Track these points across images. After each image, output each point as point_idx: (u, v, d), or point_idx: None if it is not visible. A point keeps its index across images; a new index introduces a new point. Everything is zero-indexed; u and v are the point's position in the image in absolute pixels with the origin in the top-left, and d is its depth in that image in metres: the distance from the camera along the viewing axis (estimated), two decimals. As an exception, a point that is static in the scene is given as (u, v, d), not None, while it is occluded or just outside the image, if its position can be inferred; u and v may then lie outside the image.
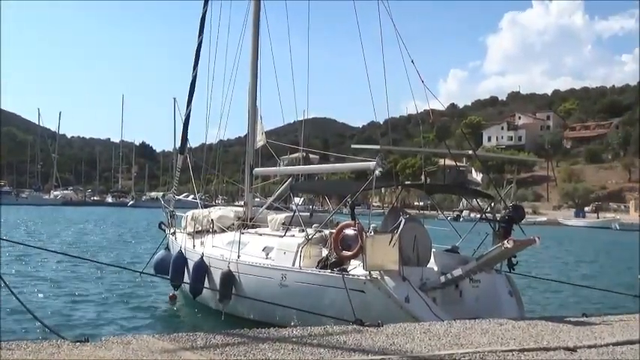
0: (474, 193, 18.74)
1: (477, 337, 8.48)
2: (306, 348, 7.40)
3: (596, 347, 7.96)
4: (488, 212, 15.63)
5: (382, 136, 25.76)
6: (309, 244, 14.62)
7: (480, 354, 7.32)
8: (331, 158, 45.32)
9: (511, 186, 18.16)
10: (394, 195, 20.16)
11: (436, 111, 34.64)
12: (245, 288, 15.47)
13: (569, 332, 9.00)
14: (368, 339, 8.10)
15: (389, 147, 18.82)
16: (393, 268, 12.74)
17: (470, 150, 21.69)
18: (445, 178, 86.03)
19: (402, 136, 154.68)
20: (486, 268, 13.68)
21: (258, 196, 23.05)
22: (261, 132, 20.18)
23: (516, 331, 9.03)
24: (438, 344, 7.88)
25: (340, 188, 19.71)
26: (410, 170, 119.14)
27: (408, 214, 14.51)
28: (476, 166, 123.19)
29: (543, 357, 7.37)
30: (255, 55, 20.15)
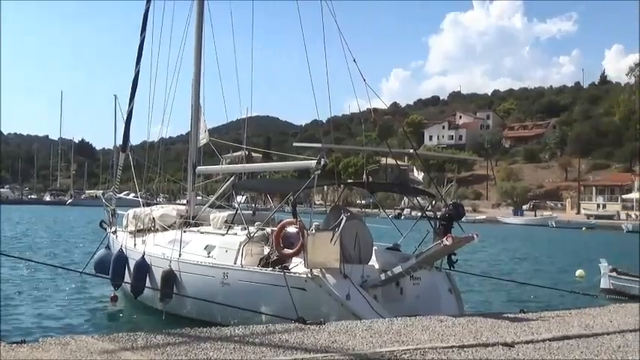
0: (416, 192, 18.93)
1: (418, 333, 8.57)
2: (248, 347, 7.38)
3: (534, 343, 8.12)
4: (429, 210, 15.81)
5: (325, 135, 25.97)
6: (251, 243, 14.60)
7: (421, 351, 7.40)
8: (274, 157, 45.23)
9: (451, 184, 18.43)
10: (336, 193, 20.26)
11: (378, 110, 34.81)
12: (187, 287, 15.36)
13: (508, 328, 9.15)
14: (310, 337, 8.12)
15: (331, 145, 18.90)
16: (335, 265, 12.79)
17: (411, 149, 21.92)
18: (387, 176, 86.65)
19: (344, 135, 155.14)
20: (426, 265, 13.84)
21: (201, 195, 22.90)
22: (204, 130, 20.05)
23: (456, 327, 9.15)
24: (380, 341, 7.93)
25: (282, 186, 19.71)
26: (352, 169, 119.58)
27: (349, 212, 14.58)
28: (417, 165, 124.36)
29: (482, 353, 7.48)
30: (199, 53, 20.00)
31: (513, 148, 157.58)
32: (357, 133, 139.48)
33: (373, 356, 7.11)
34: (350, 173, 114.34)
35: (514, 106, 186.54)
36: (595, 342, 8.29)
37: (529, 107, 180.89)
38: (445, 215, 13.93)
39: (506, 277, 24.14)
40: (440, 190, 16.91)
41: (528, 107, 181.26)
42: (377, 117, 61.40)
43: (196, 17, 20.02)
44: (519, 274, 30.28)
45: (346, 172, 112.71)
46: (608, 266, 24.40)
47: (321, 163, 13.86)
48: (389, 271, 13.48)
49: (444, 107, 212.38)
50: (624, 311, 11.07)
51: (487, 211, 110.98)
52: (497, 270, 31.88)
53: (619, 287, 23.75)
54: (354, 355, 7.12)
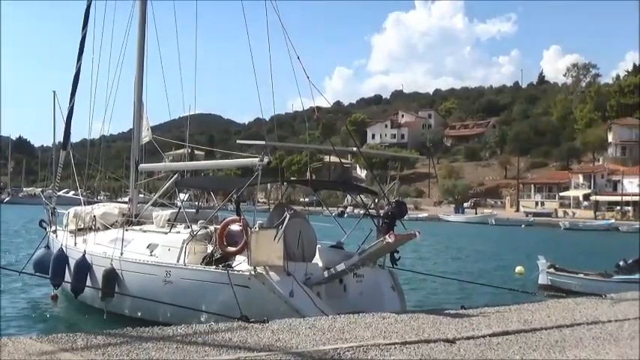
0: (359, 190, 19.05)
1: (361, 331, 8.62)
2: (191, 346, 7.33)
3: (474, 338, 8.24)
4: (372, 208, 15.92)
5: (268, 133, 25.89)
6: (194, 241, 14.51)
7: (364, 348, 7.45)
8: (217, 154, 44.95)
9: (394, 183, 18.56)
10: (280, 191, 20.24)
11: (322, 108, 34.95)
12: (128, 286, 15.19)
13: (449, 324, 9.27)
14: (253, 335, 8.10)
15: (274, 143, 18.84)
16: (278, 263, 12.80)
17: (354, 147, 22.01)
18: (330, 174, 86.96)
19: (288, 133, 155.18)
20: (369, 263, 13.94)
21: (143, 193, 22.66)
22: (146, 127, 19.85)
23: (398, 324, 9.22)
24: (323, 339, 7.96)
25: (226, 184, 19.62)
26: (295, 167, 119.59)
27: (293, 210, 14.59)
28: (360, 163, 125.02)
29: (424, 349, 7.56)
30: (141, 50, 19.78)
31: (454, 147, 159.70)
32: (301, 131, 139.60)
33: (316, 354, 7.13)
34: (293, 171, 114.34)
35: (455, 105, 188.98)
36: (533, 337, 8.46)
37: (470, 106, 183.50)
38: (388, 213, 14.03)
39: (448, 275, 24.45)
40: (383, 188, 17.02)
41: (469, 106, 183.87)
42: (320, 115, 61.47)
43: (139, 14, 19.80)
44: (460, 272, 30.73)
45: (289, 170, 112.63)
46: (546, 263, 24.92)
47: (264, 161, 13.83)
48: (332, 269, 13.54)
49: (387, 106, 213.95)
50: (561, 306, 11.31)
51: (429, 209, 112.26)
52: (438, 267, 32.28)
53: (556, 283, 24.27)
54: (297, 353, 7.13)
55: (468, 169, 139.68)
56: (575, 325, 9.45)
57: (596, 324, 9.56)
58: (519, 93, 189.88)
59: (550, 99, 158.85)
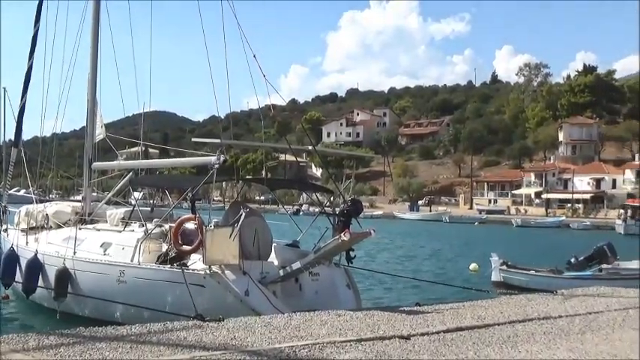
0: (314, 188, 19.08)
1: (317, 328, 8.64)
2: (145, 346, 7.28)
3: (429, 334, 8.33)
4: (328, 206, 15.96)
5: (223, 131, 25.75)
6: (149, 239, 14.40)
7: (320, 345, 7.48)
8: (171, 152, 44.59)
9: (350, 181, 18.63)
10: (235, 189, 20.19)
11: (277, 106, 34.86)
12: (81, 285, 15.01)
13: (404, 321, 9.35)
14: (209, 334, 8.07)
15: (230, 141, 18.73)
16: (234, 262, 12.76)
17: (310, 145, 22.04)
18: (286, 173, 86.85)
19: (243, 131, 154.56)
20: (325, 261, 13.97)
21: (97, 191, 22.38)
22: (100, 125, 19.62)
23: (354, 321, 9.27)
24: (279, 337, 7.97)
25: (181, 182, 19.50)
26: (251, 165, 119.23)
27: (248, 208, 14.56)
28: (316, 162, 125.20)
29: (379, 346, 7.61)
30: (95, 47, 19.54)
31: (409, 145, 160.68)
32: (256, 130, 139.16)
33: (272, 352, 7.14)
34: (249, 169, 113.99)
35: (410, 103, 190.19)
36: (487, 333, 8.58)
37: (424, 105, 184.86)
38: (343, 211, 14.07)
39: (403, 273, 24.62)
40: (338, 186, 17.07)
41: (423, 105, 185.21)
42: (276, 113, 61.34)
43: (92, 11, 19.56)
44: (415, 269, 30.95)
45: (245, 169, 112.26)
46: (499, 260, 25.23)
47: (220, 159, 13.77)
48: (288, 267, 13.54)
49: (342, 104, 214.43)
50: (514, 302, 11.49)
51: (384, 207, 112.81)
52: (393, 265, 32.49)
53: (509, 280, 24.59)
54: (253, 352, 7.13)
55: (422, 167, 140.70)
56: (527, 320, 9.61)
57: (547, 319, 9.73)
58: (473, 92, 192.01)
59: (503, 98, 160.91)
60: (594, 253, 24.85)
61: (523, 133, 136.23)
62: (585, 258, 24.64)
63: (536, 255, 36.71)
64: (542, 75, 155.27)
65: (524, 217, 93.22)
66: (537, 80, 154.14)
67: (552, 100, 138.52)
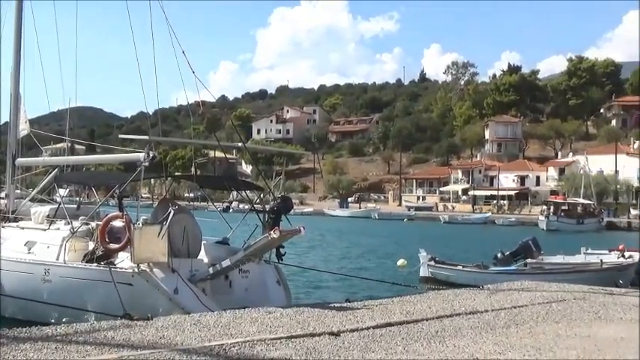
0: (244, 185, 19.00)
1: (247, 326, 8.61)
2: (72, 346, 7.13)
3: (358, 330, 8.38)
4: (258, 204, 15.93)
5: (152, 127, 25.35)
6: (75, 238, 14.14)
7: (250, 343, 7.45)
8: (98, 149, 43.88)
9: (279, 178, 18.65)
10: (164, 186, 19.97)
11: (207, 102, 34.59)
12: (5, 285, 14.64)
13: (334, 318, 9.38)
14: (137, 333, 7.96)
15: (158, 138, 18.51)
16: (162, 260, 12.64)
17: (240, 142, 21.96)
18: (215, 169, 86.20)
19: (172, 128, 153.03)
20: (255, 258, 13.95)
21: (20, 188, 21.81)
22: (24, 120, 19.15)
23: (284, 318, 9.27)
24: (209, 335, 7.91)
25: (108, 179, 19.18)
26: (180, 162, 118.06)
27: (177, 205, 14.42)
28: (246, 159, 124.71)
29: (310, 342, 7.63)
30: (18, 41, 19.04)
31: (339, 142, 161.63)
32: (185, 126, 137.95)
33: (202, 350, 7.08)
34: (178, 166, 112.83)
35: (340, 101, 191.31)
36: (415, 328, 8.68)
37: (354, 102, 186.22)
38: (273, 208, 14.06)
39: (332, 269, 24.75)
40: (268, 183, 17.08)
41: (353, 102, 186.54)
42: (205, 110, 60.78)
43: (16, 4, 19.04)
44: (345, 266, 31.14)
45: (174, 165, 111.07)
46: (427, 256, 25.61)
47: (148, 156, 13.60)
48: (218, 265, 13.47)
49: (272, 101, 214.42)
50: (441, 298, 11.65)
51: (314, 204, 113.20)
52: (323, 262, 32.62)
53: (437, 275, 25.00)
54: (182, 350, 7.05)
55: (352, 164, 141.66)
56: (455, 315, 9.76)
57: (474, 314, 9.91)
58: (401, 90, 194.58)
59: (431, 96, 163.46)
60: (519, 249, 25.49)
61: (450, 131, 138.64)
62: (511, 253, 25.25)
63: (463, 251, 37.41)
64: (469, 74, 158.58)
65: (451, 213, 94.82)
66: (464, 79, 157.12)
67: (479, 98, 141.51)
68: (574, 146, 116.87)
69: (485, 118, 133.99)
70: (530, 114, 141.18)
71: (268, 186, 16.51)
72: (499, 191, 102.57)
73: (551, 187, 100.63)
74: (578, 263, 25.48)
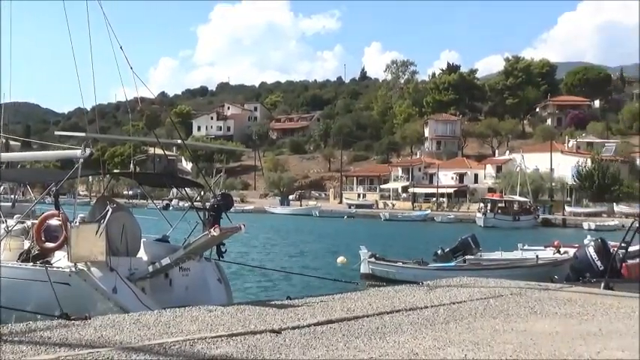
0: (184, 182, 18.86)
1: (187, 324, 8.54)
2: (6, 346, 6.97)
3: (300, 328, 8.38)
4: (198, 201, 15.83)
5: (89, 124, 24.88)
6: (10, 236, 13.83)
7: (190, 341, 7.39)
8: (34, 145, 42.95)
9: (220, 175, 18.51)
10: (102, 184, 19.65)
11: (146, 99, 34.18)
12: None
13: (275, 315, 9.37)
14: (74, 333, 7.82)
15: (96, 135, 18.24)
16: (100, 259, 12.46)
17: (179, 139, 21.76)
18: (155, 167, 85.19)
19: (110, 124, 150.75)
20: (195, 256, 13.85)
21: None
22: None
23: (225, 316, 9.22)
24: (148, 334, 7.82)
25: (44, 176, 18.81)
26: (119, 159, 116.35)
27: (116, 203, 14.23)
28: (186, 156, 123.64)
29: (250, 340, 7.61)
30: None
31: (280, 140, 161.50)
32: (124, 122, 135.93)
33: (141, 349, 7.00)
34: (116, 163, 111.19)
35: (281, 98, 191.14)
36: (356, 324, 8.73)
37: (295, 100, 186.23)
38: (214, 206, 14.00)
39: (273, 267, 24.73)
40: (208, 180, 16.96)
41: (294, 100, 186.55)
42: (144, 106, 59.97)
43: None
44: (286, 263, 31.15)
45: (112, 162, 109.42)
46: (368, 252, 25.78)
47: (86, 153, 13.38)
48: (157, 263, 13.34)
49: (213, 98, 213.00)
50: (382, 294, 11.72)
51: (255, 201, 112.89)
52: (264, 259, 32.57)
53: (377, 272, 25.19)
54: (121, 350, 6.96)
55: (293, 161, 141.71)
56: (395, 311, 9.84)
57: (413, 310, 10.00)
58: (342, 88, 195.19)
59: (371, 94, 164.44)
60: (459, 245, 25.90)
61: (391, 129, 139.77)
62: (451, 249, 25.63)
63: (403, 247, 37.78)
64: (409, 72, 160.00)
65: (391, 211, 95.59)
66: (404, 78, 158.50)
67: (418, 97, 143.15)
68: (511, 144, 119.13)
69: (424, 116, 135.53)
70: (468, 112, 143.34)
71: (208, 183, 16.39)
72: (438, 189, 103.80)
73: (488, 184, 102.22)
74: (515, 259, 26.01)
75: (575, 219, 78.52)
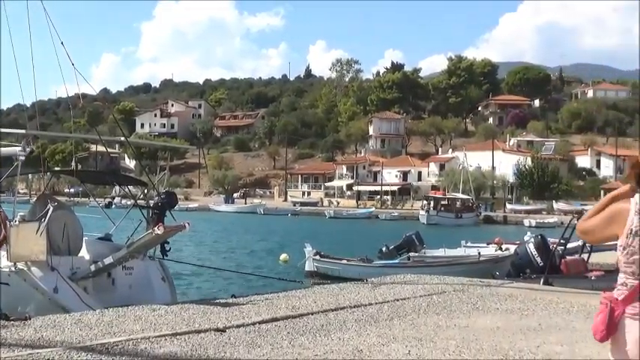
0: (127, 180, 18.65)
1: (130, 324, 8.46)
2: (-57, 348, 6.81)
3: (244, 326, 8.39)
4: (142, 199, 15.67)
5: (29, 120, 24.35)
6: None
7: (133, 341, 7.33)
8: (-29, 142, 41.99)
9: (164, 173, 18.38)
10: (42, 182, 19.32)
11: (88, 95, 33.65)
12: None
13: (219, 314, 9.35)
14: (14, 334, 7.68)
15: (36, 132, 17.90)
16: (41, 258, 12.24)
17: (122, 136, 21.51)
18: (97, 164, 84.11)
19: (51, 121, 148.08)
20: (138, 255, 13.70)
21: None
22: None
23: (169, 315, 9.17)
24: (90, 334, 7.73)
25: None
26: (60, 156, 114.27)
27: (57, 201, 13.99)
28: (129, 153, 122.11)
29: (195, 339, 7.58)
30: None
31: (224, 137, 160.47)
32: (65, 119, 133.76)
33: (83, 350, 6.91)
34: (57, 161, 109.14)
35: (225, 95, 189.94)
36: (301, 322, 8.77)
37: (239, 97, 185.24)
38: (157, 204, 13.88)
39: (218, 265, 24.61)
40: (152, 178, 16.81)
41: (239, 97, 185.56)
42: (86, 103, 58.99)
43: None
44: (231, 262, 31.03)
45: (53, 160, 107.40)
46: (312, 250, 25.85)
47: (26, 150, 13.13)
48: (100, 262, 13.16)
49: (156, 95, 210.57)
50: (327, 292, 11.79)
51: (199, 199, 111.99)
52: (209, 258, 32.39)
53: (322, 269, 25.27)
54: (62, 350, 6.86)
55: (237, 159, 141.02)
56: (339, 309, 9.91)
57: (358, 307, 10.09)
58: (287, 85, 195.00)
59: (316, 92, 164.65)
60: (403, 242, 26.18)
61: (336, 127, 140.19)
62: (395, 247, 25.87)
63: (348, 245, 37.93)
64: (354, 71, 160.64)
65: (336, 208, 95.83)
66: (349, 76, 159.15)
67: (363, 95, 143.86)
68: (454, 143, 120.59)
69: (369, 114, 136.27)
70: (412, 111, 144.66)
71: (152, 181, 16.25)
72: (382, 186, 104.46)
73: (432, 182, 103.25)
74: (458, 256, 26.36)
75: (515, 216, 79.97)
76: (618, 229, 3.88)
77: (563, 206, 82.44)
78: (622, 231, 3.85)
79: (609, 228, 3.94)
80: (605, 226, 3.96)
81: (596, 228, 4.03)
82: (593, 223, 4.03)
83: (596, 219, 4.01)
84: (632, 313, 3.79)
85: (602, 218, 3.97)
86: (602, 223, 3.98)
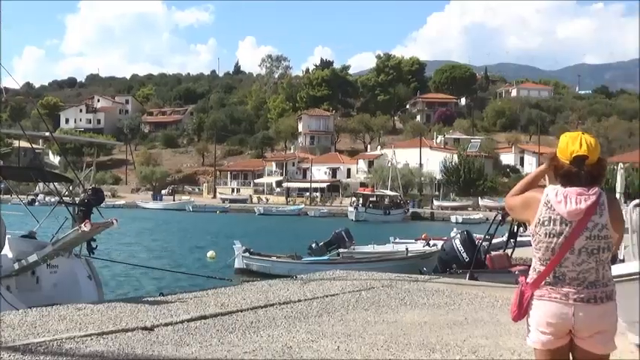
0: (52, 177, 18.23)
1: (55, 324, 8.29)
2: None
3: (173, 324, 8.32)
4: (67, 196, 15.35)
5: (-52, 114, 23.12)
6: None
7: (58, 341, 7.19)
8: None
9: (90, 169, 18.02)
10: (-38, 178, 18.73)
11: (10, 89, 32.89)
12: None
13: (147, 312, 9.24)
14: None
15: (-44, 126, 17.39)
16: (-38, 257, 11.89)
17: (47, 131, 21.03)
18: (20, 160, 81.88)
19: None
20: (64, 253, 13.43)
21: None
22: None
23: (95, 314, 9.02)
24: (13, 335, 7.54)
25: None
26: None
27: (-22, 198, 13.61)
28: (53, 149, 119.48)
29: (122, 338, 7.48)
30: None
31: (152, 133, 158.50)
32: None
33: (6, 352, 6.74)
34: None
35: (153, 91, 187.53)
36: (230, 319, 8.74)
37: (167, 93, 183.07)
38: (84, 201, 13.61)
39: (147, 263, 24.34)
40: (78, 174, 16.46)
41: (167, 93, 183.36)
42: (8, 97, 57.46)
43: None
44: (159, 259, 30.70)
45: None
46: (242, 247, 25.77)
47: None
48: (23, 260, 12.84)
49: (82, 90, 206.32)
50: (256, 289, 11.79)
51: (127, 196, 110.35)
52: (137, 255, 31.98)
53: (252, 266, 25.23)
54: (-16, 352, 6.68)
55: (166, 155, 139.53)
56: (269, 306, 9.92)
57: (287, 304, 10.12)
58: (216, 82, 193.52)
59: (246, 89, 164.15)
60: (333, 239, 26.30)
61: (265, 124, 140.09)
62: (325, 243, 25.98)
63: (277, 242, 37.93)
64: (283, 67, 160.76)
65: (266, 205, 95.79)
66: (278, 72, 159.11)
67: (292, 92, 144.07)
68: (382, 140, 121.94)
69: (298, 111, 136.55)
70: (341, 108, 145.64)
71: (78, 177, 15.91)
72: (312, 183, 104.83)
73: (361, 179, 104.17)
74: (386, 252, 26.66)
75: (442, 212, 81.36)
76: (530, 216, 4.12)
77: (489, 202, 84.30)
78: (533, 219, 4.09)
79: (525, 213, 4.20)
80: (522, 211, 4.24)
81: (515, 209, 4.31)
82: (514, 202, 4.29)
83: (517, 199, 4.26)
84: (538, 295, 4.07)
85: (520, 202, 4.23)
86: (519, 206, 4.24)
